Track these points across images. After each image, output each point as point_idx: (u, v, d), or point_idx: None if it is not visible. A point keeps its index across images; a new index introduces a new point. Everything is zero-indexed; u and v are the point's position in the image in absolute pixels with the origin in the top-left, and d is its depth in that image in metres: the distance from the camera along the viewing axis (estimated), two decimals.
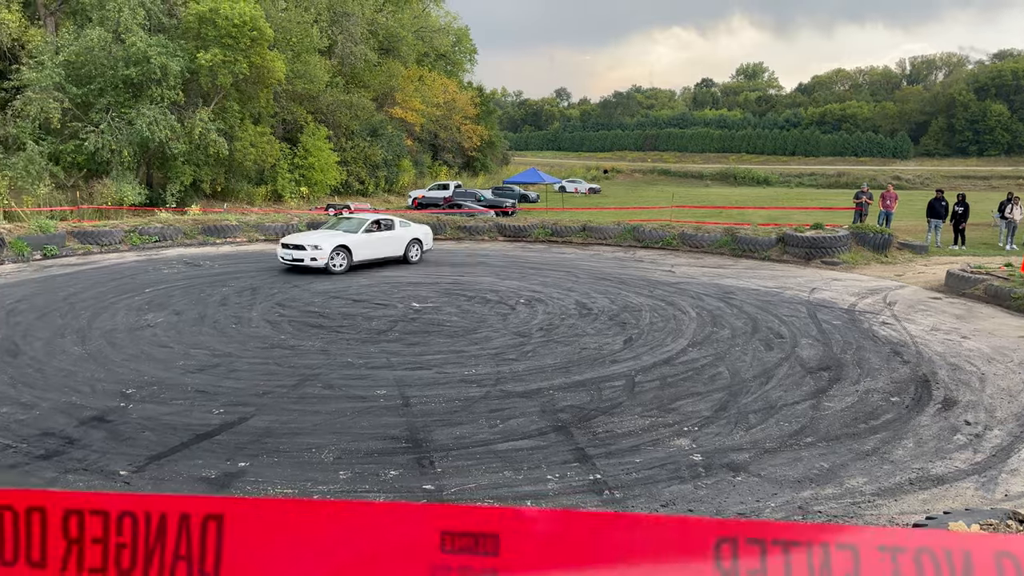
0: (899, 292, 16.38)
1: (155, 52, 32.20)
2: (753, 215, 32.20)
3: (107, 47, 32.37)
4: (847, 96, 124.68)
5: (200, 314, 13.63)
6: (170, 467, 6.93)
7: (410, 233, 20.93)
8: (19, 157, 30.03)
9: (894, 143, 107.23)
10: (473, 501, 6.31)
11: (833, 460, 7.27)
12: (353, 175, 47.75)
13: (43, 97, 30.86)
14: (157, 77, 32.54)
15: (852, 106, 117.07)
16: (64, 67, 31.98)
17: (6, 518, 1.73)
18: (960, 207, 23.23)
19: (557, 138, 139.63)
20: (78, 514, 1.71)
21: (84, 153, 31.95)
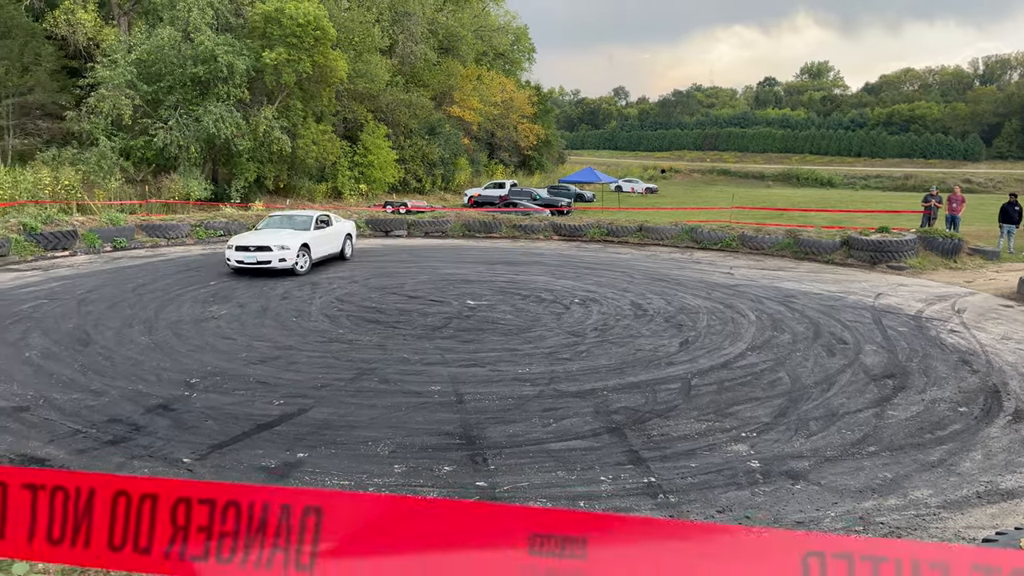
0: (969, 299, 15.80)
1: (222, 51, 33.08)
2: (816, 217, 31.46)
3: (177, 46, 33.40)
4: (916, 96, 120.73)
5: (262, 307, 13.96)
6: (232, 456, 7.11)
7: (344, 228, 20.49)
8: (92, 152, 31.23)
9: (965, 145, 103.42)
10: (525, 499, 6.31)
11: (897, 470, 7.05)
12: (411, 173, 48.29)
13: (115, 94, 32.01)
14: (224, 75, 33.42)
15: (921, 107, 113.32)
16: (136, 65, 33.12)
17: (120, 504, 1.78)
18: None
19: (614, 137, 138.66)
20: (186, 502, 1.76)
21: (153, 149, 33.02)
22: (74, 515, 1.78)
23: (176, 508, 1.76)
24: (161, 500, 1.77)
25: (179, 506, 1.76)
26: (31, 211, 22.22)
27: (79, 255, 20.13)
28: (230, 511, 1.73)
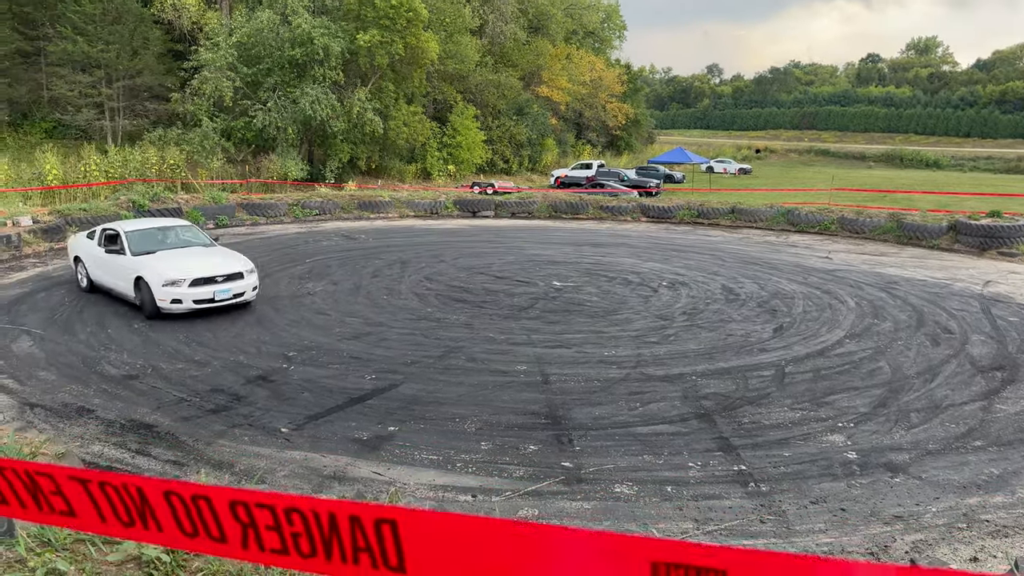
0: None
1: (318, 33, 33.89)
2: (921, 200, 29.91)
3: (275, 29, 34.40)
4: None
5: (355, 284, 14.35)
6: (326, 427, 7.37)
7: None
8: (195, 133, 32.63)
9: None
10: (611, 482, 6.30)
11: (1004, 467, 6.69)
12: (498, 154, 48.45)
13: (217, 76, 33.29)
14: (320, 58, 34.26)
15: None
16: (236, 48, 34.32)
17: (202, 506, 1.88)
18: None
19: (706, 116, 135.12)
20: (244, 505, 1.84)
21: (253, 130, 34.22)
22: (136, 507, 1.91)
23: (235, 508, 1.83)
24: (215, 501, 1.85)
25: (237, 507, 1.83)
26: (139, 189, 23.44)
27: None
28: (294, 516, 1.78)
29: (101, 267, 12.67)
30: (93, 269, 12.93)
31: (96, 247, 12.84)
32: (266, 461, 6.65)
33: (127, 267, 11.89)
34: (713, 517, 5.73)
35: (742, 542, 5.38)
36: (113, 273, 12.29)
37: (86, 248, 13.19)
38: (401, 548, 1.69)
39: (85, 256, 13.17)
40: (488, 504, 5.89)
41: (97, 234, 13.10)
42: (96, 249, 12.81)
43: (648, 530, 5.55)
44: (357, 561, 1.74)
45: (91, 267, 12.98)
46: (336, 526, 1.73)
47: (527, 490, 6.12)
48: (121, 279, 12.04)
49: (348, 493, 6.04)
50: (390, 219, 25.97)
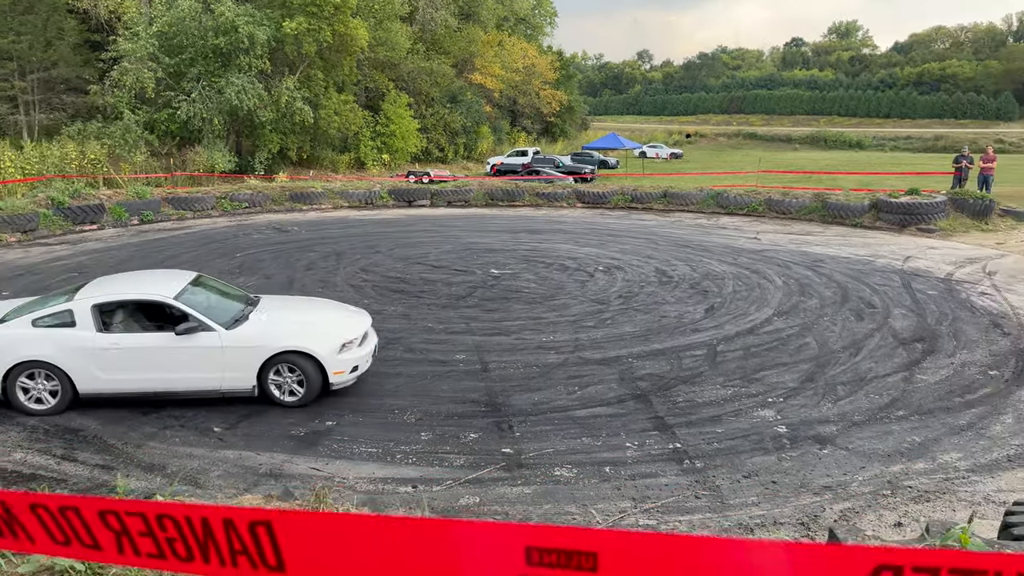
0: (1000, 261, 15.49)
1: (243, 21, 32.98)
2: (844, 180, 30.89)
3: (197, 17, 33.34)
4: (948, 55, 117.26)
5: (288, 278, 14.08)
6: (261, 425, 7.23)
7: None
8: (116, 126, 31.45)
9: (998, 104, 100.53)
10: (551, 466, 6.36)
11: (926, 434, 7.00)
12: (433, 142, 48.11)
13: (138, 67, 32.11)
14: (245, 46, 33.36)
15: (953, 65, 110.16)
16: (157, 38, 33.15)
17: (71, 516, 1.88)
18: None
19: (638, 102, 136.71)
20: (114, 513, 1.84)
21: (177, 121, 33.17)
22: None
23: (105, 517, 1.85)
24: (84, 511, 1.86)
25: (107, 516, 1.85)
26: (58, 185, 22.46)
27: (107, 229, 20.39)
28: (166, 522, 1.81)
29: (130, 362, 7.53)
30: (97, 371, 7.49)
31: (85, 334, 7.50)
32: (199, 462, 6.50)
33: (236, 347, 7.57)
34: (650, 495, 5.85)
35: (679, 519, 5.50)
36: (181, 365, 7.57)
37: (56, 342, 7.46)
38: (279, 548, 1.71)
39: (65, 356, 7.44)
40: (429, 494, 5.88)
41: (82, 312, 7.55)
42: (88, 338, 7.48)
43: (588, 511, 5.63)
44: (236, 564, 1.77)
45: (90, 369, 7.49)
46: (211, 530, 1.76)
47: (467, 478, 6.13)
48: (206, 370, 7.60)
49: (282, 490, 5.95)
50: (323, 210, 25.55)
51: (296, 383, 7.59)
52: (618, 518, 5.52)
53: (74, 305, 7.56)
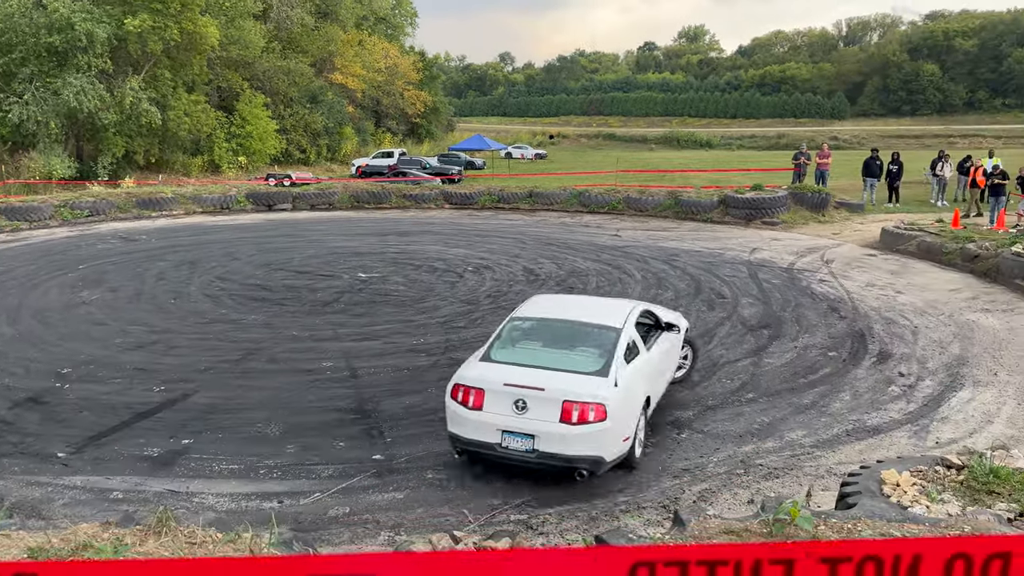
0: (836, 250, 16.81)
1: (80, 18, 30.74)
2: (696, 178, 32.56)
3: (28, 13, 30.81)
4: (786, 58, 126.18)
5: (137, 290, 13.25)
6: (110, 447, 6.78)
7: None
8: None
9: (832, 104, 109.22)
10: (423, 469, 6.32)
11: (773, 415, 7.48)
12: (293, 144, 46.66)
13: None
14: (83, 44, 31.11)
15: (791, 68, 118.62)
16: None
17: None
18: (894, 166, 23.84)
19: (502, 103, 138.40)
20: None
21: (8, 125, 30.53)
22: None
23: None
24: None
25: None
26: None
27: None
28: None
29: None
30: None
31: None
32: (42, 490, 6.01)
33: None
34: (520, 491, 5.93)
35: (548, 511, 5.61)
36: None
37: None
38: None
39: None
40: (296, 508, 5.70)
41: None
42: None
43: (459, 511, 5.64)
44: None
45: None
46: None
47: (337, 489, 5.99)
48: None
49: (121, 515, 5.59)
50: (175, 217, 24.23)
51: None
52: (489, 516, 5.56)
53: None
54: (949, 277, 13.86)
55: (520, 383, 5.93)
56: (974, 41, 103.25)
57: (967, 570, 1.72)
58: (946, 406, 7.69)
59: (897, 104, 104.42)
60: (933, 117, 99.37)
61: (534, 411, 5.81)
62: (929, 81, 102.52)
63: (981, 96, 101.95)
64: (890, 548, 1.66)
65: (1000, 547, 1.74)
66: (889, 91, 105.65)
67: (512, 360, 6.38)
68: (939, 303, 11.80)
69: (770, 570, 1.48)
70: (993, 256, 13.75)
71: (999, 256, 13.53)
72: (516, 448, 5.84)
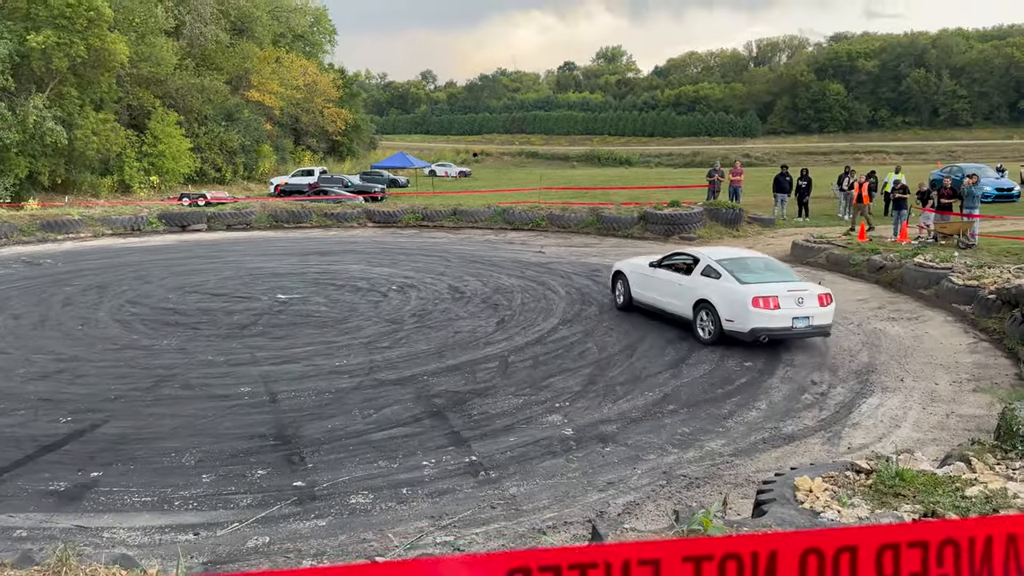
0: None
1: None
2: (616, 195, 33.16)
3: None
4: (700, 78, 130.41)
5: (42, 316, 12.61)
6: (13, 482, 6.40)
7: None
8: None
9: (744, 122, 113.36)
10: (346, 494, 6.20)
11: (694, 425, 7.65)
12: (208, 162, 45.45)
13: None
14: None
15: (705, 88, 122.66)
16: None
17: None
18: (803, 181, 24.86)
19: (425, 121, 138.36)
20: None
21: None
22: None
23: None
24: None
25: None
26: None
27: None
28: None
29: None
30: None
31: None
32: None
33: None
34: (448, 511, 5.87)
35: (475, 531, 5.57)
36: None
37: None
38: None
39: None
40: (213, 539, 5.50)
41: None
42: None
43: (384, 535, 5.54)
44: None
45: None
46: None
47: (256, 518, 5.81)
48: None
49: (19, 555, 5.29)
50: (82, 239, 23.23)
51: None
52: (416, 539, 5.48)
53: None
54: (857, 288, 14.50)
55: (796, 289, 10.06)
56: (875, 62, 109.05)
57: (819, 564, 1.89)
58: (857, 412, 8.02)
59: (806, 122, 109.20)
60: (839, 134, 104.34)
61: (807, 304, 9.94)
62: (835, 100, 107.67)
63: (883, 114, 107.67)
64: (748, 545, 1.81)
65: (847, 540, 1.90)
66: (798, 110, 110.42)
67: (760, 280, 10.30)
68: (848, 313, 12.32)
69: (639, 570, 1.61)
70: (897, 267, 14.46)
71: (903, 267, 14.24)
72: (800, 327, 9.95)
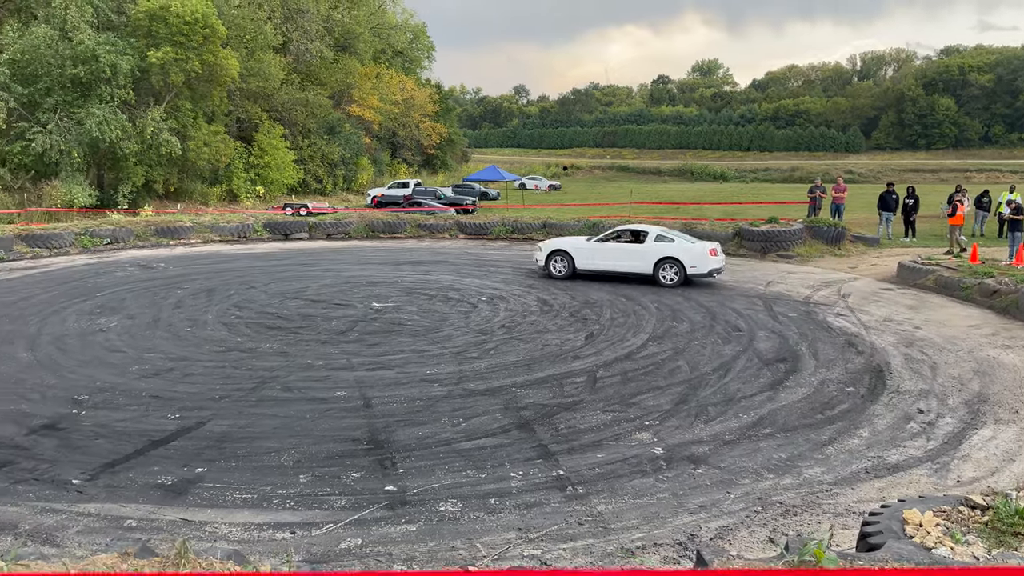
0: (853, 284, 16.72)
1: (104, 50, 31.45)
2: (710, 210, 32.56)
3: (54, 45, 31.54)
4: (800, 92, 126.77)
5: (154, 317, 13.35)
6: (125, 474, 6.77)
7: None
8: None
9: (846, 138, 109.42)
10: (436, 501, 6.28)
11: (791, 451, 7.39)
12: (310, 174, 47.23)
13: None
14: (107, 76, 31.80)
15: (805, 101, 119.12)
16: (8, 66, 31.08)
17: None
18: (910, 200, 23.79)
19: (516, 135, 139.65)
20: None
21: (31, 154, 31.10)
22: None
23: None
24: None
25: None
26: None
27: None
28: None
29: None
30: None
31: None
32: (57, 517, 6.00)
33: None
34: (535, 525, 5.87)
35: (563, 546, 5.54)
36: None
37: None
38: None
39: None
40: (308, 539, 5.67)
41: None
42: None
43: (473, 545, 5.58)
44: None
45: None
46: None
47: (349, 520, 5.95)
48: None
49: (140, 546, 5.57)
50: (193, 245, 24.48)
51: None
52: (503, 550, 5.50)
53: None
54: (968, 313, 13.74)
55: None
56: (989, 76, 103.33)
57: None
58: (967, 444, 7.57)
59: (912, 138, 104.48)
60: (949, 151, 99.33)
61: (719, 253, 16.30)
62: (944, 115, 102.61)
63: (997, 131, 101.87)
64: None
65: None
66: (904, 125, 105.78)
67: (693, 241, 16.53)
68: (958, 339, 11.68)
69: None
70: (1013, 292, 13.62)
71: (1019, 292, 13.40)
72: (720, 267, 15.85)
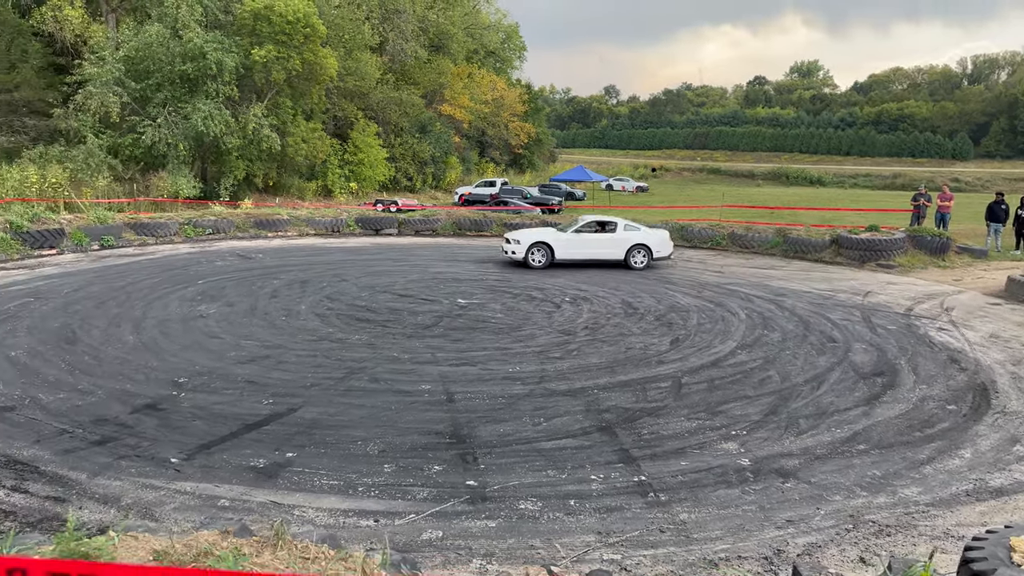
0: (957, 297, 15.87)
1: (211, 48, 32.91)
2: (806, 216, 31.54)
3: (165, 43, 33.21)
4: (905, 96, 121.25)
5: (251, 306, 13.88)
6: (219, 455, 7.06)
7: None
8: (79, 150, 31.01)
9: (953, 144, 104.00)
10: (515, 499, 6.30)
11: (886, 468, 7.06)
12: (401, 171, 48.21)
13: (103, 92, 31.80)
14: (213, 72, 33.25)
15: (910, 106, 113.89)
16: (124, 62, 32.91)
17: None
18: (1022, 211, 22.40)
19: (605, 136, 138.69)
20: None
21: (141, 147, 32.82)
22: None
23: None
24: None
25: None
26: (17, 209, 22.00)
27: (66, 253, 19.98)
28: None
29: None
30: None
31: None
32: (155, 494, 6.31)
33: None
34: (615, 529, 5.80)
35: (644, 553, 5.46)
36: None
37: None
38: None
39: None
40: (391, 528, 5.77)
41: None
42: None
43: (552, 545, 5.57)
44: None
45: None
46: None
47: (430, 512, 6.03)
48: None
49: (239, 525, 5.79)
50: (289, 238, 25.35)
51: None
52: (582, 552, 5.46)
53: None
54: None
55: None
56: None
57: None
58: None
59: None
60: None
61: None
62: None
63: None
64: None
65: None
66: (1017, 132, 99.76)
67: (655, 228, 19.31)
68: None
69: None
70: None
71: None
72: None
